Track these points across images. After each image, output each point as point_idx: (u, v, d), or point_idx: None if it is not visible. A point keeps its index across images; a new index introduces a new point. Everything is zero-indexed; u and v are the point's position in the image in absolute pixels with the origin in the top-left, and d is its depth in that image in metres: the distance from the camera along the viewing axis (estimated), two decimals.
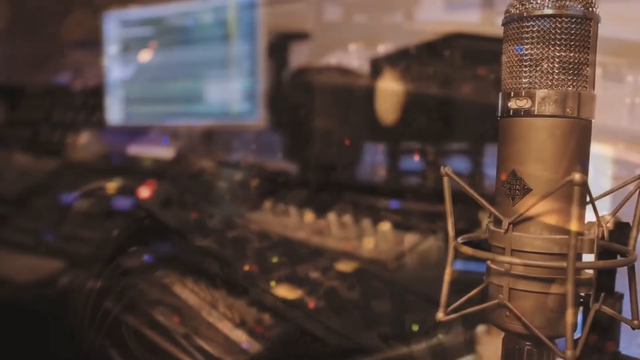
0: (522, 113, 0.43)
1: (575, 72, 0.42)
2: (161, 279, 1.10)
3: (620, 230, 0.49)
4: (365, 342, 0.90)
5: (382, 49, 1.59)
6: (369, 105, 1.51)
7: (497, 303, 0.43)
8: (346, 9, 1.95)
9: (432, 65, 1.28)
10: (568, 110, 0.41)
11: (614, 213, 0.44)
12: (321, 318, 0.85)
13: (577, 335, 0.44)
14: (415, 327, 0.96)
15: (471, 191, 0.45)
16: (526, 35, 0.43)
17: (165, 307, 0.97)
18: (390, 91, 1.45)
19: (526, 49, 0.42)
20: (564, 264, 0.39)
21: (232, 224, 1.29)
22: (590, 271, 0.44)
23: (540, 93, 0.42)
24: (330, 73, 1.55)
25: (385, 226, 1.03)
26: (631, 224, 0.44)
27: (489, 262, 0.46)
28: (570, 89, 0.42)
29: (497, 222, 0.45)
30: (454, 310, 0.46)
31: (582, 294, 0.44)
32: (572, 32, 0.41)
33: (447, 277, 0.45)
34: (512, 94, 0.43)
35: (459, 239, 0.46)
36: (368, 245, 1.01)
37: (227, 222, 1.32)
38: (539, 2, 0.42)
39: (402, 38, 1.80)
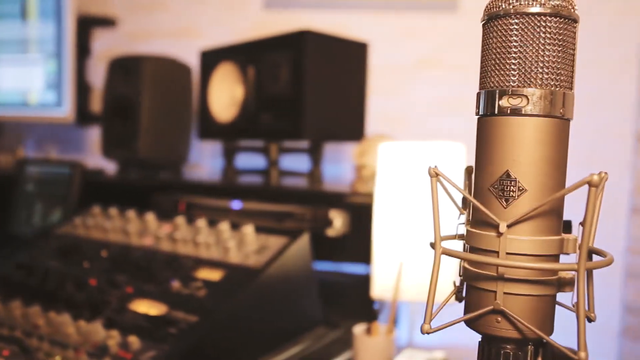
0: (509, 112, 0.42)
1: (564, 72, 0.42)
2: None
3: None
4: (244, 354, 0.84)
5: (210, 41, 1.52)
6: (201, 99, 1.43)
7: (492, 309, 0.42)
8: None
9: (274, 61, 1.25)
10: (560, 110, 0.41)
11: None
12: (196, 334, 0.76)
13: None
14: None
15: (464, 192, 0.43)
16: (515, 33, 0.42)
17: None
18: (225, 86, 1.39)
19: (515, 47, 0.42)
20: (575, 266, 0.38)
21: (55, 232, 1.11)
22: (573, 272, 0.44)
23: (535, 92, 0.41)
24: (155, 63, 1.43)
25: (249, 229, 0.97)
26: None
27: (466, 265, 0.44)
28: (559, 89, 0.42)
29: (481, 224, 0.43)
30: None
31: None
32: (563, 32, 0.41)
33: (433, 286, 0.42)
34: (498, 92, 0.42)
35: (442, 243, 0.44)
36: (232, 250, 0.94)
37: (46, 229, 1.14)
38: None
39: (225, 32, 1.74)
